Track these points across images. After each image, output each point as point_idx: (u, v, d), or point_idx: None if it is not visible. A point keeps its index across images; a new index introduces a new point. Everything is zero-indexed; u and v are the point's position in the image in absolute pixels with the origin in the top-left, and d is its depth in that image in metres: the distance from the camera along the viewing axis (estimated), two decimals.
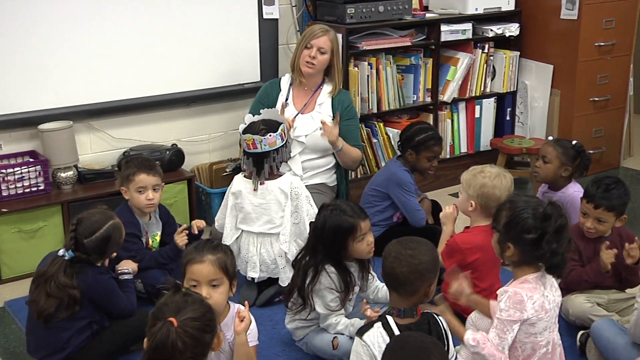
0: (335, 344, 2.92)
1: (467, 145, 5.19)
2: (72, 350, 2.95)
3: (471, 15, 4.88)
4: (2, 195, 3.81)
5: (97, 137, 4.26)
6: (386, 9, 4.55)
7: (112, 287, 3.05)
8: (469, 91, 5.08)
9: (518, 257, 2.56)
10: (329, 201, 3.28)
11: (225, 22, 4.45)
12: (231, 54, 4.53)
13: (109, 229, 2.99)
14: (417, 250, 2.48)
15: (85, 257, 2.95)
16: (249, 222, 3.47)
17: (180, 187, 4.21)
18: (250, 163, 3.43)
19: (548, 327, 2.56)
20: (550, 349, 2.59)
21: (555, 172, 3.73)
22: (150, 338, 2.00)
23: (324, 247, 2.93)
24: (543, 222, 2.49)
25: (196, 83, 4.45)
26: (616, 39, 5.00)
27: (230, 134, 4.67)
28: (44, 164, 3.93)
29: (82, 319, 2.96)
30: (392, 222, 3.94)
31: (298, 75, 3.99)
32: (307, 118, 3.96)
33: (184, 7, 4.29)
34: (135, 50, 4.20)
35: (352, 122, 4.04)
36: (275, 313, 3.37)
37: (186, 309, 2.05)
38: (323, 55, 3.93)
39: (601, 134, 5.18)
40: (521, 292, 2.51)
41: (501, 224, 2.58)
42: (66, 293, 2.88)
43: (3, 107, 3.89)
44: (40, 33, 3.91)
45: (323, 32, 3.94)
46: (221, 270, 2.56)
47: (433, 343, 2.05)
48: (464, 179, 3.28)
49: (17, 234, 3.77)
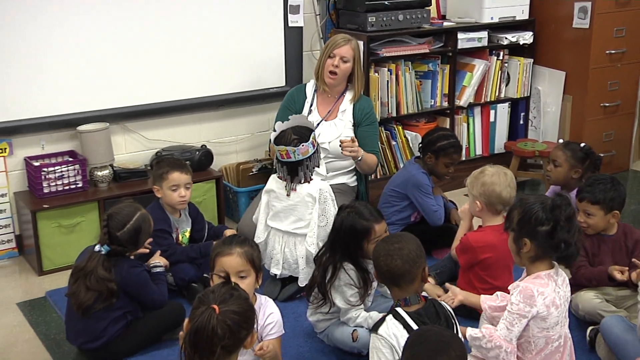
0: (355, 337, 2.92)
1: (482, 148, 5.17)
2: (108, 339, 2.97)
3: (487, 24, 4.86)
4: (44, 192, 3.85)
5: (131, 138, 4.29)
6: (405, 18, 4.54)
7: (145, 279, 3.08)
8: (484, 96, 5.05)
9: (535, 252, 2.53)
10: (349, 202, 3.26)
11: (252, 30, 4.46)
12: (258, 60, 4.53)
13: (139, 220, 3.03)
14: (402, 242, 2.50)
15: (120, 249, 2.98)
16: (278, 220, 3.47)
17: (209, 186, 4.22)
18: (285, 171, 3.43)
19: (560, 321, 2.55)
20: (562, 342, 2.58)
21: (566, 174, 3.72)
22: (193, 319, 2.01)
23: (341, 246, 2.94)
24: (553, 212, 2.48)
25: (225, 87, 4.46)
26: (626, 47, 4.96)
27: (256, 135, 4.68)
28: (82, 163, 3.96)
29: (118, 310, 2.99)
30: (409, 221, 3.93)
31: (322, 84, 3.98)
32: (330, 125, 3.94)
33: (214, 17, 4.31)
34: (168, 57, 4.23)
35: (370, 128, 4.01)
36: (298, 306, 3.37)
37: (230, 301, 2.05)
38: (346, 64, 3.91)
39: (611, 138, 5.14)
40: (532, 287, 2.50)
41: (514, 222, 2.57)
42: (105, 286, 2.92)
43: (45, 109, 3.93)
44: (80, 41, 3.94)
45: (345, 41, 3.92)
46: (248, 263, 2.57)
47: (452, 336, 2.05)
48: (467, 182, 3.30)
49: (57, 228, 3.81)
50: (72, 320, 3.05)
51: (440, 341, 1.99)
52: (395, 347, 2.38)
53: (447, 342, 1.98)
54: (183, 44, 4.25)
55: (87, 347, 3.02)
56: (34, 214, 3.74)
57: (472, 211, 3.35)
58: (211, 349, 1.98)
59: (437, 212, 3.85)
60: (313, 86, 4.06)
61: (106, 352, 3.00)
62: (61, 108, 3.97)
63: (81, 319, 2.98)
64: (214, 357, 1.99)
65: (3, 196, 3.97)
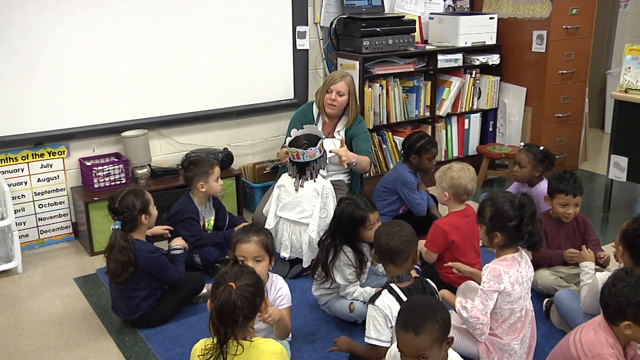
0: (352, 308, 2.94)
1: (458, 151, 5.18)
2: (143, 312, 3.00)
3: (462, 48, 4.88)
4: (94, 187, 3.87)
5: (165, 142, 4.31)
6: (394, 42, 4.56)
7: (163, 263, 3.03)
8: (460, 107, 5.06)
9: (504, 242, 2.56)
10: (347, 195, 3.23)
11: (267, 52, 4.47)
12: (271, 77, 4.54)
13: (126, 191, 2.97)
14: (400, 226, 2.51)
15: (128, 216, 2.91)
16: (286, 210, 3.48)
17: (230, 182, 4.23)
18: (295, 169, 3.45)
19: (522, 296, 2.57)
20: (524, 313, 2.61)
21: (529, 173, 3.75)
22: (215, 299, 2.03)
23: (340, 232, 2.93)
24: (520, 210, 2.51)
25: (243, 100, 4.47)
26: (575, 68, 4.98)
27: (269, 140, 4.68)
28: (125, 163, 3.97)
29: (146, 288, 3.00)
30: (398, 212, 3.93)
31: (323, 115, 3.98)
32: (330, 142, 3.93)
33: (235, 41, 4.32)
34: (196, 74, 4.24)
35: (363, 135, 3.99)
36: (304, 283, 3.38)
37: (242, 277, 2.08)
38: (342, 97, 3.90)
39: (564, 143, 5.16)
40: (499, 267, 2.53)
41: (487, 218, 2.58)
42: (126, 255, 2.89)
43: (96, 119, 3.96)
44: (127, 64, 3.96)
45: (341, 77, 3.91)
46: (263, 249, 2.57)
47: (439, 304, 2.06)
48: (436, 176, 3.28)
49: (105, 217, 3.74)
50: (113, 297, 3.08)
51: (428, 307, 1.99)
52: (389, 317, 2.41)
53: (434, 308, 1.99)
54: (209, 63, 4.26)
55: (126, 319, 3.04)
56: (86, 205, 3.77)
57: (440, 201, 3.33)
58: (234, 319, 2.01)
59: (421, 205, 3.86)
60: (317, 110, 4.05)
61: (143, 322, 3.03)
62: (108, 117, 4.00)
63: (119, 297, 2.99)
64: (238, 325, 2.02)
65: (62, 190, 4.00)
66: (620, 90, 4.25)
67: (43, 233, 4.00)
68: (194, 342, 2.22)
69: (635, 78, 4.21)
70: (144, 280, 2.97)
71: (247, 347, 2.05)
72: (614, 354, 2.12)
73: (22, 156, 3.84)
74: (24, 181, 3.87)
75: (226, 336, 2.03)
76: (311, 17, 4.62)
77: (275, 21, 4.45)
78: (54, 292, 3.43)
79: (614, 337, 2.16)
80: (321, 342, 2.90)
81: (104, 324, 3.11)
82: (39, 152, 3.88)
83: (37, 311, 3.24)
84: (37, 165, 3.89)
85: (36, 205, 3.93)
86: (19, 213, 3.88)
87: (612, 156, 4.36)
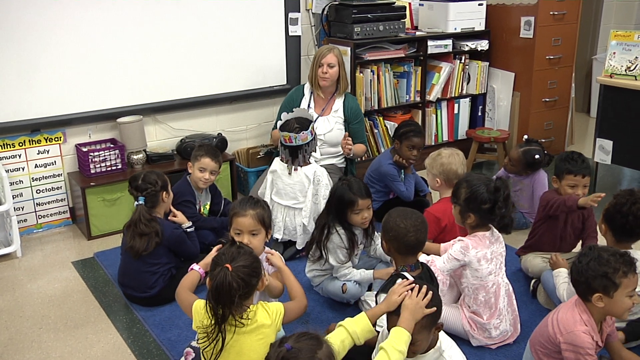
0: (344, 289, 2.94)
1: (448, 135, 5.19)
2: (159, 289, 3.03)
3: (451, 34, 4.87)
4: (91, 172, 3.86)
5: (160, 127, 4.29)
6: (385, 28, 4.56)
7: (183, 238, 3.14)
8: (450, 92, 5.07)
9: (477, 222, 2.60)
10: (347, 177, 3.12)
11: (260, 39, 4.46)
12: (264, 63, 4.53)
13: (147, 171, 3.11)
14: (414, 217, 2.43)
15: (151, 191, 3.01)
16: (279, 196, 3.48)
17: (224, 167, 4.21)
18: (287, 153, 3.42)
19: (493, 272, 2.61)
20: (496, 288, 2.63)
21: (517, 171, 3.79)
22: (212, 279, 2.04)
23: (333, 210, 2.91)
24: (495, 193, 2.53)
25: (236, 86, 4.46)
26: (562, 53, 4.98)
27: (262, 125, 4.68)
28: (121, 148, 3.96)
29: (165, 265, 3.05)
30: (388, 197, 3.91)
31: (316, 89, 3.98)
32: (325, 120, 3.95)
33: (229, 28, 4.30)
34: (190, 61, 4.22)
35: (359, 124, 4.03)
36: (298, 265, 3.36)
37: (239, 258, 2.07)
38: (333, 69, 3.91)
39: (551, 127, 5.17)
40: (469, 242, 2.59)
41: (461, 199, 2.60)
42: (152, 228, 2.96)
43: (92, 105, 3.94)
44: (120, 52, 3.94)
45: (329, 50, 3.92)
46: (259, 223, 2.52)
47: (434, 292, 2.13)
48: (426, 163, 3.27)
49: (101, 202, 3.83)
50: (127, 273, 3.08)
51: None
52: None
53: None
54: (203, 50, 4.25)
55: (139, 296, 3.05)
56: (83, 190, 3.76)
57: (432, 187, 3.34)
58: (230, 299, 2.02)
59: (404, 192, 3.79)
60: (310, 89, 4.06)
61: (155, 299, 3.05)
62: (104, 104, 3.99)
63: (135, 275, 3.01)
64: (234, 305, 2.04)
65: (59, 176, 3.99)
66: (606, 75, 4.27)
67: (41, 218, 3.99)
68: (190, 324, 2.23)
69: (620, 63, 4.22)
70: (165, 255, 3.04)
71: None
72: (587, 330, 2.15)
73: (19, 142, 3.82)
74: (22, 167, 3.86)
75: (224, 316, 2.05)
76: (303, 3, 4.60)
77: (268, 8, 4.43)
78: (53, 276, 3.44)
79: (588, 314, 2.19)
80: (314, 322, 2.91)
81: (102, 306, 3.12)
82: (35, 139, 3.86)
83: (36, 294, 3.25)
84: (34, 152, 3.87)
85: (34, 191, 3.93)
86: (17, 198, 3.87)
87: (597, 139, 4.39)
